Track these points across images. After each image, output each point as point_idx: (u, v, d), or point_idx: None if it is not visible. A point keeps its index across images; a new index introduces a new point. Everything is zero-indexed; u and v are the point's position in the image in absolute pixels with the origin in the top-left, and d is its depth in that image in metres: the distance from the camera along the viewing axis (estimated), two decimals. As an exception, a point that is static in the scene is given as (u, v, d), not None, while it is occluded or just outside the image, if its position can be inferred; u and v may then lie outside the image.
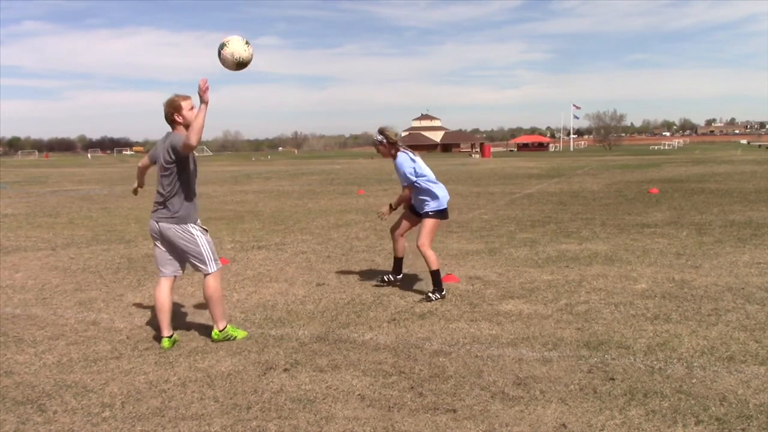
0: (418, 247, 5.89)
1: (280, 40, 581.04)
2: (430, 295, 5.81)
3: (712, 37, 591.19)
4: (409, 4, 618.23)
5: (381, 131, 6.01)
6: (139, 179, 5.17)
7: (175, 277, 4.87)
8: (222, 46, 4.50)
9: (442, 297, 5.81)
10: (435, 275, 5.85)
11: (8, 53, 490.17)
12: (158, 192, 4.68)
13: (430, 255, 5.85)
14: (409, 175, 5.88)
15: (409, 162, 5.95)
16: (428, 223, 5.92)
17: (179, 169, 4.59)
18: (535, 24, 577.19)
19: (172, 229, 4.64)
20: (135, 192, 5.40)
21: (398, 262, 6.38)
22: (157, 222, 4.69)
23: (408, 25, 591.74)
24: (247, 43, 4.53)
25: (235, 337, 4.80)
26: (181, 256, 4.78)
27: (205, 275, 4.78)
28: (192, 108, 4.56)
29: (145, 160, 4.97)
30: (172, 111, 4.57)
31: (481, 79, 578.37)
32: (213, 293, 4.77)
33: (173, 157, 4.53)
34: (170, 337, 4.73)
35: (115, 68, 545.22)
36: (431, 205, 5.93)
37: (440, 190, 5.99)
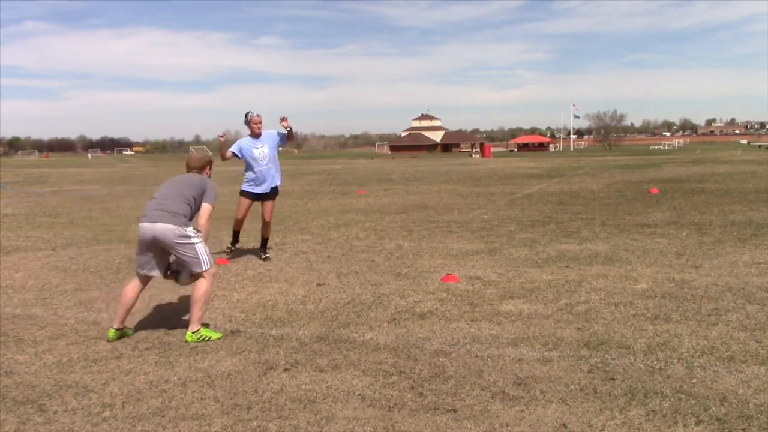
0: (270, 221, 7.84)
1: (280, 39, 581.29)
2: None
3: (713, 37, 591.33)
4: (410, 4, 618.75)
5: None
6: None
7: (150, 279, 5.02)
8: None
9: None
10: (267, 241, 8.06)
11: (9, 53, 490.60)
12: (163, 200, 4.92)
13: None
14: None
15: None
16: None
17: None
18: (536, 24, 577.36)
19: (170, 230, 4.69)
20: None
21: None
22: (153, 223, 4.74)
23: (409, 25, 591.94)
24: None
25: (210, 338, 4.82)
26: (165, 258, 4.91)
27: (201, 275, 4.82)
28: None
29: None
30: (206, 165, 5.44)
31: (482, 79, 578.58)
32: (203, 296, 4.82)
33: (197, 201, 5.09)
34: (120, 329, 4.88)
35: (116, 68, 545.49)
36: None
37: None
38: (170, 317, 5.51)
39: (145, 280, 4.99)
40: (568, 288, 6.16)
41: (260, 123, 7.99)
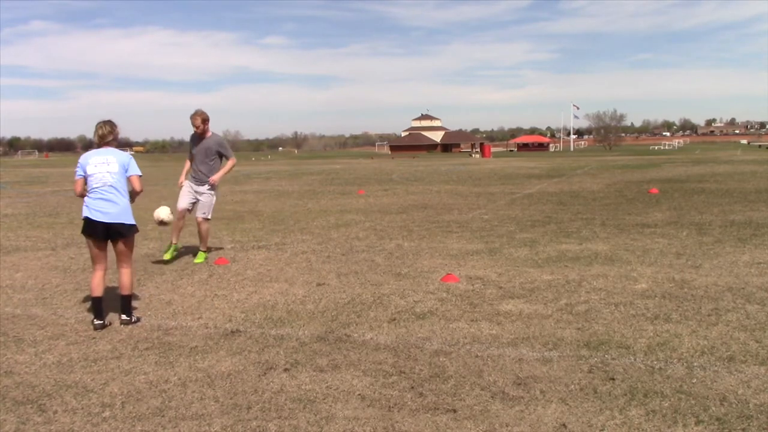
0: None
1: (286, 39, 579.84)
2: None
3: (719, 37, 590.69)
4: (418, 3, 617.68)
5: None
6: None
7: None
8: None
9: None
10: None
11: (15, 53, 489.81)
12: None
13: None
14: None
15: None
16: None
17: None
18: (542, 24, 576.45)
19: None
20: None
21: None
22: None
23: (415, 24, 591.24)
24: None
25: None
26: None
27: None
28: None
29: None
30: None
31: (486, 78, 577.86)
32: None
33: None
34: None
35: (121, 68, 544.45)
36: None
37: None
38: (170, 317, 5.51)
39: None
40: (568, 288, 6.16)
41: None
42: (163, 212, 7.43)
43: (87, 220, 5.25)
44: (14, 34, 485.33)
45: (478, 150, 72.66)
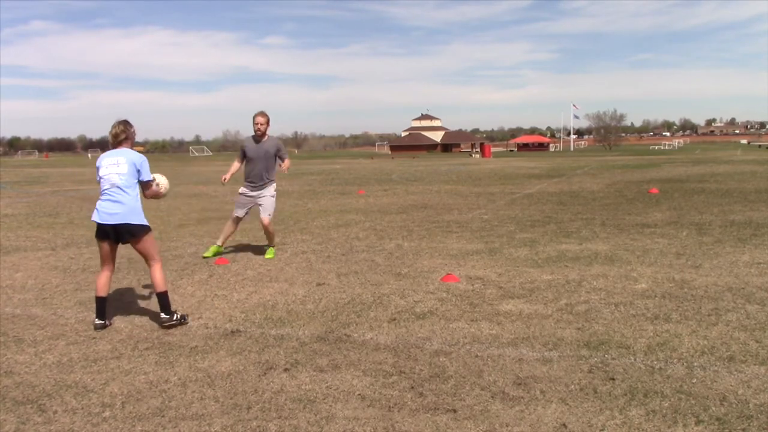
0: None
1: (287, 39, 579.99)
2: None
3: (719, 37, 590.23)
4: (418, 3, 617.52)
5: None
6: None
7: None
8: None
9: None
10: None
11: (15, 53, 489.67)
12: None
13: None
14: None
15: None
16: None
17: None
18: (543, 24, 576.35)
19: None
20: None
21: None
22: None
23: (415, 24, 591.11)
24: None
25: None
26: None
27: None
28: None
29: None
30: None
31: (486, 78, 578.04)
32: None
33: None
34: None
35: (121, 68, 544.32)
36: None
37: None
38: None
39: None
40: (568, 288, 6.16)
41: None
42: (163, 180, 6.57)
43: (96, 223, 5.18)
44: (14, 34, 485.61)
45: (478, 150, 72.65)
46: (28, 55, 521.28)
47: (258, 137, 7.95)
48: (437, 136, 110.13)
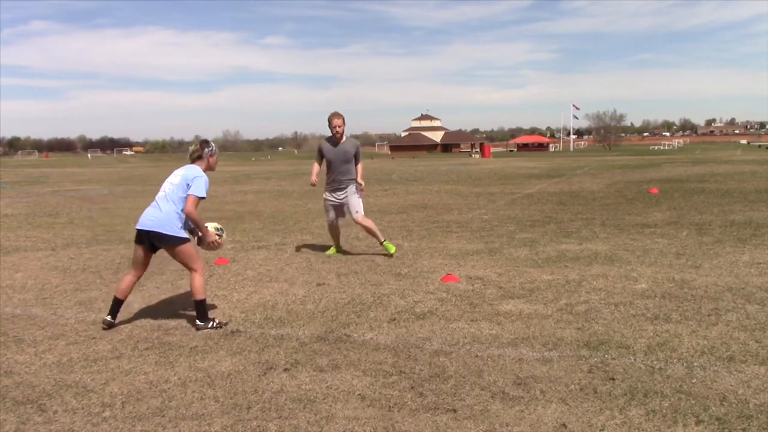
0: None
1: (287, 39, 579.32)
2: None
3: (719, 37, 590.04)
4: (418, 3, 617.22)
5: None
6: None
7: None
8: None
9: None
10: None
11: (15, 53, 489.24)
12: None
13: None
14: None
15: None
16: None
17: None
18: (543, 24, 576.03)
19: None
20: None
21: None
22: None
23: (416, 24, 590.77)
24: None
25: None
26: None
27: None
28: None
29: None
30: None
31: (486, 78, 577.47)
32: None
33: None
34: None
35: (121, 68, 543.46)
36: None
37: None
38: (170, 317, 5.51)
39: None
40: (568, 288, 6.16)
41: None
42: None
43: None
44: (14, 34, 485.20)
45: (478, 150, 72.65)
46: (28, 55, 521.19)
47: (336, 139, 7.85)
48: (437, 137, 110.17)
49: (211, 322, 5.13)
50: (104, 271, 7.52)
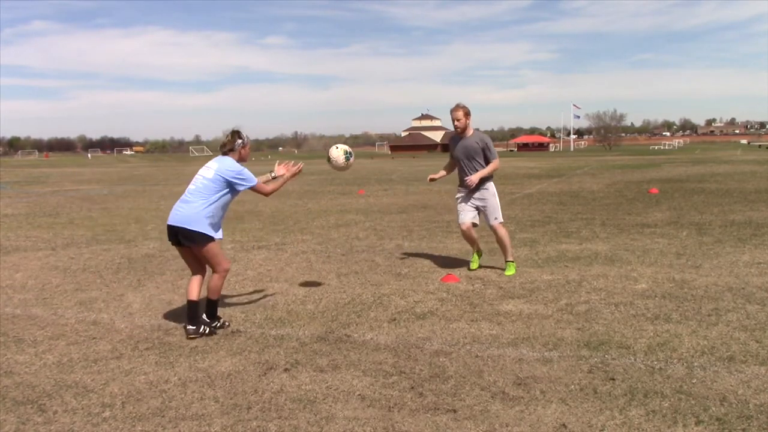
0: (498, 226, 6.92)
1: (287, 39, 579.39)
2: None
3: (719, 37, 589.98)
4: (418, 3, 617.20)
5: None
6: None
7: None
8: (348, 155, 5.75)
9: None
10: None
11: (15, 53, 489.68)
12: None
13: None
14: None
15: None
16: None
17: None
18: (543, 24, 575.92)
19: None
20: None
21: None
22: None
23: (416, 24, 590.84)
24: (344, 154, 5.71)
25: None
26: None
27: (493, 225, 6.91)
28: None
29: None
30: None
31: (486, 78, 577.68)
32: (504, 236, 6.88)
33: None
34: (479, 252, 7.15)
35: (121, 68, 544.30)
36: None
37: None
38: (170, 317, 5.51)
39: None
40: (568, 288, 6.16)
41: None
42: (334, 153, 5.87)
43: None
44: (14, 34, 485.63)
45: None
46: (28, 55, 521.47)
47: (458, 133, 7.02)
48: (437, 136, 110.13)
49: (217, 322, 5.12)
50: (104, 271, 7.52)
